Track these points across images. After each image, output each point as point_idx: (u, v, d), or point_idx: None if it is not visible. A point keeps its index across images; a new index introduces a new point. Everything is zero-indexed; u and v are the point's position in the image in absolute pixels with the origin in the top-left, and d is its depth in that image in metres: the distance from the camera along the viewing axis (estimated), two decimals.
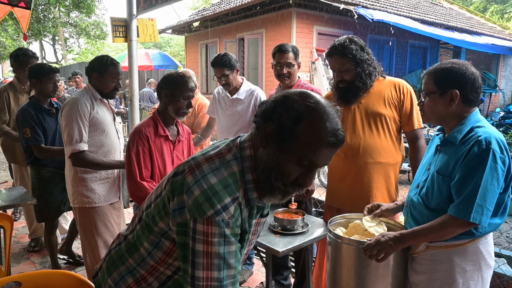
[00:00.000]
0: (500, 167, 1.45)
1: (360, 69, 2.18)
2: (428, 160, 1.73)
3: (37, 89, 3.02)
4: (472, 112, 1.59)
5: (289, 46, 2.69)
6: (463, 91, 1.55)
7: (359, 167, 2.22)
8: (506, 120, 10.97)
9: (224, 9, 10.21)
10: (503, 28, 15.31)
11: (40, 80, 2.96)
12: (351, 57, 2.15)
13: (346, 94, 2.24)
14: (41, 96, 3.03)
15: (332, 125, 1.01)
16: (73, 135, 2.38)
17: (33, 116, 2.90)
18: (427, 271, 1.64)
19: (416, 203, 1.68)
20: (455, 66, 1.57)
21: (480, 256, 1.57)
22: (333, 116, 1.03)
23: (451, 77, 1.56)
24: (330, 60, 2.26)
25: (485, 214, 1.45)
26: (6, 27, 17.77)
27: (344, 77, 2.21)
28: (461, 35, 10.76)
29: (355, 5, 8.64)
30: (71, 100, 2.45)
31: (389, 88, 2.23)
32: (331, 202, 2.41)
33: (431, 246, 1.62)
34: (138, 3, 4.11)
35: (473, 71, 1.56)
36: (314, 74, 9.17)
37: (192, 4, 28.31)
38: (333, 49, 2.21)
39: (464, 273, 1.56)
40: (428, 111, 1.64)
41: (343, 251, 1.75)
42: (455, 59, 1.65)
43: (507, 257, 2.77)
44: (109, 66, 2.53)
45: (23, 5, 4.35)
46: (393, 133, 2.23)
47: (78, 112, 2.40)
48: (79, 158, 2.41)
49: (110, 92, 2.60)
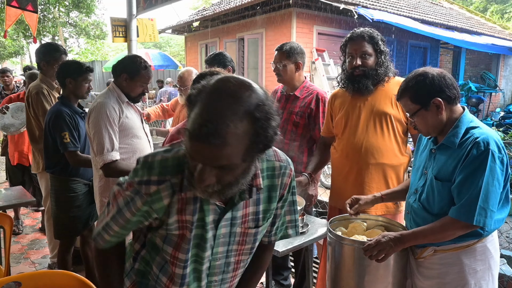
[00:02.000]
0: (499, 167, 1.45)
1: (382, 58, 2.15)
2: (422, 163, 1.70)
3: (69, 88, 2.68)
4: (462, 113, 1.57)
5: (284, 45, 2.65)
6: (442, 95, 1.53)
7: (360, 167, 2.19)
8: (506, 120, 10.98)
9: (224, 9, 10.21)
10: (503, 28, 15.31)
11: (76, 79, 2.65)
12: (375, 43, 2.13)
13: (363, 82, 2.16)
14: (72, 97, 2.70)
15: (203, 115, 0.86)
16: (104, 144, 2.17)
17: (71, 118, 2.60)
18: (438, 276, 1.61)
19: (417, 209, 1.66)
20: (419, 78, 1.55)
21: (488, 254, 1.56)
22: (216, 105, 0.86)
23: (424, 88, 1.54)
24: (352, 44, 2.16)
25: (489, 216, 1.44)
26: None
27: (366, 62, 2.14)
28: (461, 35, 10.76)
29: (355, 5, 8.64)
30: (98, 104, 2.23)
31: (396, 88, 2.17)
32: (335, 202, 2.38)
33: (439, 250, 1.60)
34: (138, 3, 4.10)
35: (438, 72, 1.55)
36: (314, 74, 9.17)
37: (192, 4, 28.32)
38: (358, 34, 2.15)
39: (475, 273, 1.55)
40: (423, 128, 1.61)
41: (343, 251, 1.75)
42: (415, 70, 1.61)
43: (507, 257, 2.77)
44: (141, 70, 2.33)
45: (31, 8, 4.43)
46: (398, 135, 2.17)
47: (107, 118, 2.20)
48: (113, 168, 2.20)
49: (136, 96, 2.41)
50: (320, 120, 2.58)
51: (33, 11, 4.43)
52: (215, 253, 1.15)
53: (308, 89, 2.66)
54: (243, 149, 0.89)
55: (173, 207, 1.07)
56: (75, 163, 2.58)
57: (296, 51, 2.62)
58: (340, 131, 2.28)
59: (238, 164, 0.92)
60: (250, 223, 1.15)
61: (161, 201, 1.05)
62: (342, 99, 2.31)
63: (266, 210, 1.17)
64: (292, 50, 2.61)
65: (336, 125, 2.32)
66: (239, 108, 0.86)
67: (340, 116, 2.28)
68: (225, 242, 1.15)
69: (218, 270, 1.19)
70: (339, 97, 2.33)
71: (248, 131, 0.87)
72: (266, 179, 1.14)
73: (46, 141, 2.66)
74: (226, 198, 1.03)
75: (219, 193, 0.97)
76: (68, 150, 2.53)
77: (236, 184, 0.97)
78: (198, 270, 1.16)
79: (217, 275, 1.19)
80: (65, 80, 2.65)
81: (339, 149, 2.29)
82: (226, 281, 1.23)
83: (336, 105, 2.34)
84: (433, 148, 1.64)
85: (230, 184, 0.96)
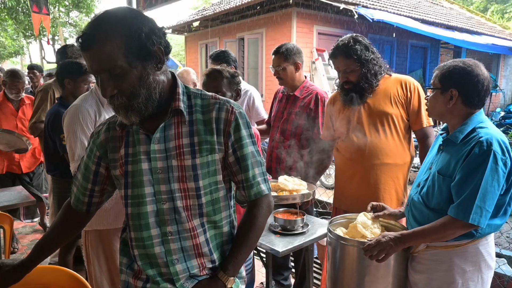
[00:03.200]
0: (501, 169, 1.45)
1: (365, 70, 2.12)
2: (430, 160, 1.73)
3: (68, 89, 2.65)
4: (475, 113, 1.58)
5: (280, 48, 2.64)
6: (462, 92, 1.54)
7: (365, 169, 2.18)
8: (506, 120, 10.98)
9: (224, 8, 10.20)
10: (503, 28, 15.29)
11: (74, 80, 2.63)
12: (356, 58, 2.11)
13: (352, 96, 2.19)
14: (71, 98, 2.60)
15: (83, 29, 1.08)
16: (75, 151, 2.07)
17: None
18: (427, 271, 1.64)
19: (417, 202, 1.68)
20: (461, 65, 1.56)
21: (480, 257, 1.56)
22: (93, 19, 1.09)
23: (454, 76, 1.55)
24: (334, 61, 2.21)
25: (484, 216, 1.45)
26: (6, 27, 17.76)
27: (349, 78, 2.16)
28: (462, 35, 10.76)
29: (355, 4, 8.63)
30: (72, 108, 2.15)
31: (395, 86, 2.17)
32: (339, 204, 2.38)
33: (431, 245, 1.62)
34: (138, 3, 4.10)
35: (479, 73, 1.54)
36: (314, 74, 9.17)
37: (192, 4, 28.28)
38: (337, 50, 2.16)
39: (463, 273, 1.56)
40: (430, 105, 1.66)
41: (343, 251, 1.75)
42: (469, 59, 1.61)
43: (507, 257, 2.77)
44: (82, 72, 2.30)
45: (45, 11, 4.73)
46: (401, 133, 2.17)
47: (79, 122, 2.08)
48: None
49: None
50: (319, 120, 2.58)
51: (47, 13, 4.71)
52: (158, 193, 1.17)
53: (308, 89, 2.66)
54: (122, 51, 1.05)
55: (110, 143, 1.24)
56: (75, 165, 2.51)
57: (292, 51, 2.61)
58: (342, 133, 2.27)
59: (126, 69, 1.07)
60: (186, 155, 1.17)
61: (99, 137, 1.27)
62: (341, 102, 2.30)
63: (202, 142, 1.18)
64: (288, 52, 2.60)
65: (338, 128, 2.31)
66: (112, 18, 1.08)
67: (341, 118, 2.27)
68: (165, 179, 1.17)
69: (168, 217, 1.18)
70: (338, 100, 2.33)
71: (122, 35, 1.05)
72: (198, 113, 1.21)
73: (46, 143, 2.61)
74: (141, 115, 1.13)
75: (127, 106, 1.11)
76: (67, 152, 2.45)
77: (137, 94, 1.10)
78: (144, 213, 1.17)
79: (169, 224, 1.18)
80: (64, 80, 2.62)
81: (343, 151, 2.28)
82: (185, 235, 1.18)
83: (336, 108, 2.34)
84: (441, 144, 1.66)
85: (132, 94, 1.09)
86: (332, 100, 2.40)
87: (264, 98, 9.71)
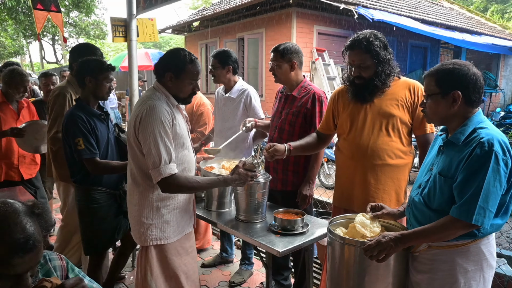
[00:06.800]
0: (503, 169, 1.45)
1: (381, 68, 2.09)
2: (430, 161, 1.73)
3: (89, 88, 2.44)
4: (475, 113, 1.58)
5: (279, 46, 2.65)
6: (465, 92, 1.54)
7: (366, 169, 2.17)
8: (506, 120, 10.98)
9: (224, 9, 10.20)
10: (503, 28, 15.29)
11: (96, 78, 2.41)
12: (374, 54, 2.06)
13: (362, 92, 2.15)
14: (91, 98, 2.46)
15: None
16: (161, 155, 1.84)
17: (85, 122, 2.34)
18: (429, 271, 1.63)
19: (418, 203, 1.67)
20: (456, 67, 1.56)
21: (482, 256, 1.56)
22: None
23: (453, 78, 1.55)
24: (350, 53, 2.12)
25: (487, 216, 1.45)
26: (6, 27, 17.77)
27: (362, 73, 2.11)
28: (462, 35, 10.76)
29: (355, 4, 8.63)
30: (149, 108, 1.88)
31: (403, 90, 2.15)
32: (339, 203, 2.37)
33: (433, 245, 1.62)
34: (138, 3, 4.09)
35: (475, 71, 1.56)
36: (314, 74, 9.17)
37: (192, 4, 28.28)
38: (356, 42, 2.09)
39: (465, 273, 1.56)
40: (430, 112, 1.64)
41: (343, 251, 1.75)
42: (457, 60, 1.64)
43: (507, 257, 2.77)
44: (187, 64, 1.97)
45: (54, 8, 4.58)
46: (403, 136, 2.16)
47: (162, 124, 1.86)
48: (171, 183, 1.87)
49: (187, 97, 2.05)
50: (316, 120, 2.58)
51: (56, 11, 4.55)
52: None
53: (306, 89, 2.66)
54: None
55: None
56: (95, 171, 2.36)
57: (290, 51, 2.61)
58: (345, 131, 2.26)
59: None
60: None
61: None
62: (347, 98, 2.27)
63: None
64: (285, 50, 2.60)
65: (340, 125, 2.30)
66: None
67: (345, 116, 2.26)
68: None
69: None
70: (344, 96, 2.30)
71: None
72: None
73: (65, 148, 2.43)
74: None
75: None
76: (84, 157, 2.30)
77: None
78: None
79: None
80: (85, 78, 2.41)
81: (344, 150, 2.28)
82: None
83: (340, 103, 2.31)
84: (441, 145, 1.65)
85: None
86: (336, 95, 2.37)
87: (264, 98, 9.72)
